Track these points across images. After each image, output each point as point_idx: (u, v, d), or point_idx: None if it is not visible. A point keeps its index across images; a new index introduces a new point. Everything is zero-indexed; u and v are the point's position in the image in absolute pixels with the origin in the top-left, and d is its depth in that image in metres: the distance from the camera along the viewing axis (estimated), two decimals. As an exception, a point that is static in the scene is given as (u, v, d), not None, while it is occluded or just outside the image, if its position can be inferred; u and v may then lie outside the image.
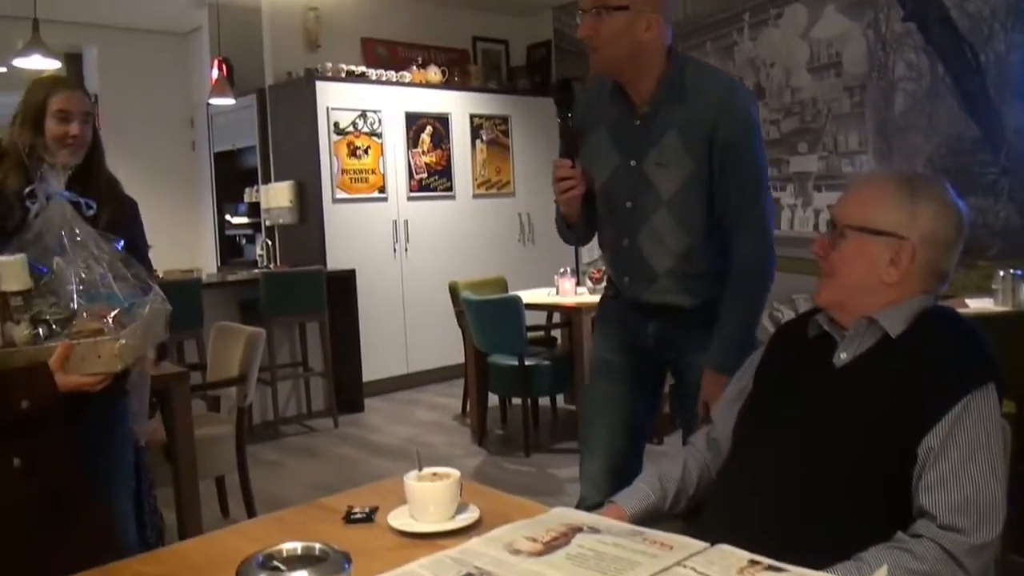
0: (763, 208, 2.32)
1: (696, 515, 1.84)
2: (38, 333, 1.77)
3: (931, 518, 1.50)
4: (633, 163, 2.36)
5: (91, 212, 1.89)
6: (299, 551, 1.09)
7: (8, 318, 1.75)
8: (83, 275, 1.81)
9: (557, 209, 2.55)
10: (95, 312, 1.78)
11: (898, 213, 1.67)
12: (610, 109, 2.41)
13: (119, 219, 2.55)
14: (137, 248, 2.66)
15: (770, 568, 1.31)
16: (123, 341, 1.76)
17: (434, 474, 1.65)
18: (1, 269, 1.76)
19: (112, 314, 1.78)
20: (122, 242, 1.97)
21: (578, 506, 2.17)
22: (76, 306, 1.79)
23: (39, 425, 1.81)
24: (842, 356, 1.72)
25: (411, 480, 1.62)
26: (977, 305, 4.12)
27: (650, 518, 1.79)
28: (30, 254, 1.79)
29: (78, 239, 1.83)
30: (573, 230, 2.57)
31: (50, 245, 1.81)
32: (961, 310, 3.89)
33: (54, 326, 1.77)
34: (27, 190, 1.84)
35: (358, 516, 1.67)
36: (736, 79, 2.45)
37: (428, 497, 1.60)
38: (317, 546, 1.10)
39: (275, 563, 1.07)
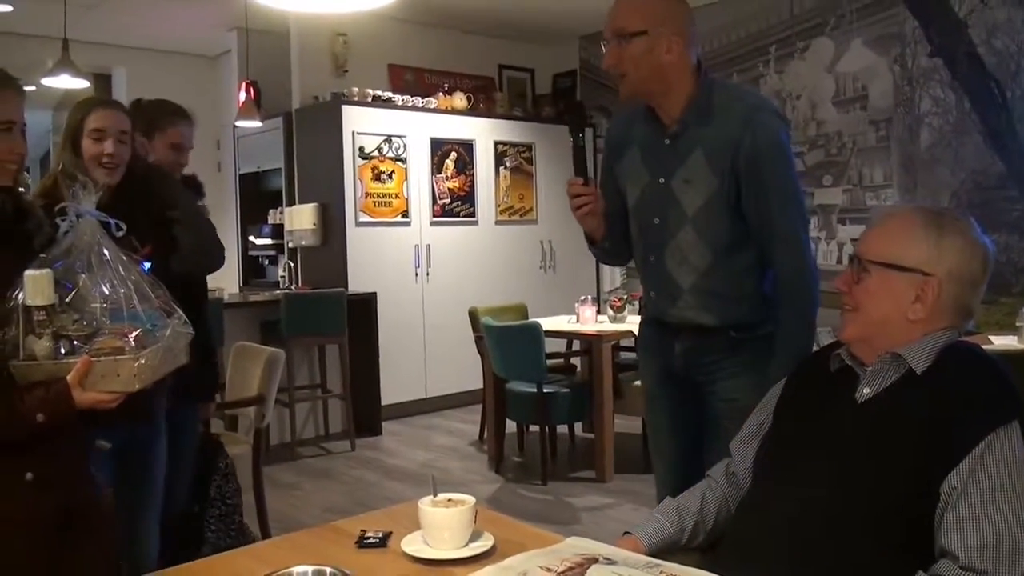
0: (792, 219, 2.32)
1: (713, 549, 1.82)
2: (59, 348, 1.76)
3: (953, 558, 1.47)
4: (662, 180, 2.40)
5: (120, 233, 1.90)
6: (310, 574, 1.08)
7: (31, 332, 1.75)
8: (107, 293, 1.80)
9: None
10: (117, 331, 1.77)
11: (924, 249, 1.66)
12: (642, 130, 2.46)
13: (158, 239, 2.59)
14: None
15: (787, 604, 1.30)
16: (143, 361, 1.75)
17: (449, 500, 1.64)
18: (26, 283, 1.75)
19: (134, 334, 1.77)
20: (148, 265, 1.97)
21: None
22: (99, 324, 1.78)
23: (53, 441, 1.80)
24: (865, 391, 1.70)
25: (426, 505, 1.61)
26: (1001, 342, 4.08)
27: (667, 550, 1.78)
28: (57, 271, 1.79)
29: (105, 258, 1.82)
30: (599, 247, 2.62)
31: (77, 263, 1.81)
32: (985, 347, 3.85)
33: (76, 342, 1.76)
34: (57, 207, 1.83)
35: (371, 540, 1.66)
36: (766, 100, 2.49)
37: (442, 523, 1.59)
38: (328, 569, 1.09)
39: (286, 585, 1.06)
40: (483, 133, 7.90)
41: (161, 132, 3.07)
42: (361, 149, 7.05)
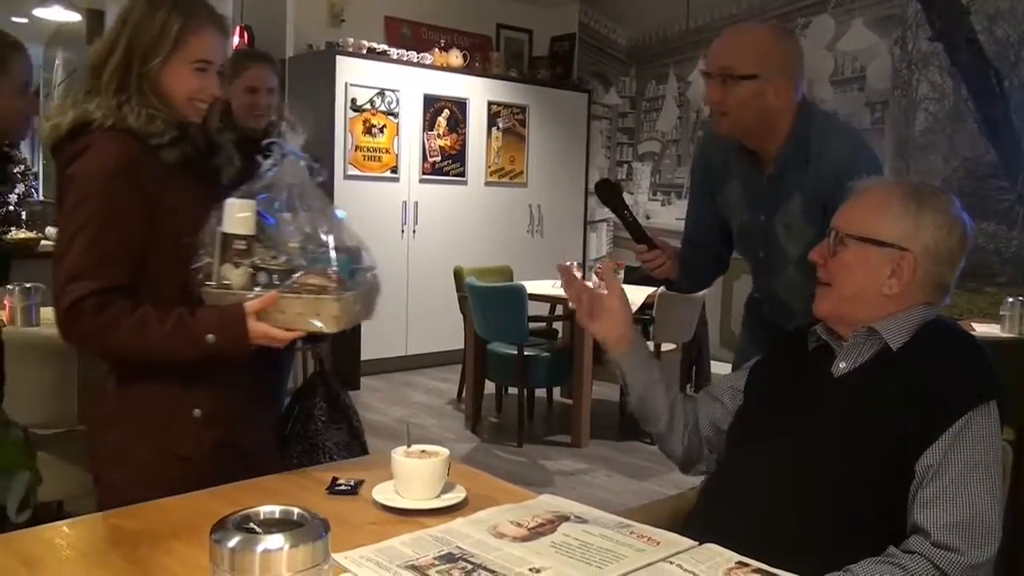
0: None
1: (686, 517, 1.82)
2: (256, 279, 1.75)
3: (925, 535, 1.47)
4: (762, 219, 2.34)
5: (321, 179, 1.87)
6: (277, 515, 1.06)
7: (227, 260, 1.74)
8: (308, 234, 1.78)
9: None
10: (319, 272, 1.74)
11: (901, 224, 1.64)
12: (739, 163, 2.37)
13: None
14: None
15: (758, 571, 1.29)
16: (343, 306, 1.72)
17: (423, 451, 1.63)
18: (227, 211, 1.74)
19: (335, 276, 1.75)
20: (343, 214, 1.93)
21: None
22: (296, 262, 1.75)
23: (221, 380, 1.82)
24: (841, 366, 1.70)
25: (399, 455, 1.60)
26: (984, 330, 4.10)
27: (642, 372, 1.88)
28: (259, 203, 1.78)
29: (308, 199, 1.81)
30: (677, 286, 2.60)
31: (277, 200, 1.79)
32: (967, 333, 3.86)
33: (273, 276, 1.74)
34: (265, 142, 1.82)
35: (342, 488, 1.65)
36: (861, 141, 2.35)
37: (415, 473, 1.58)
38: (296, 511, 1.07)
39: (251, 524, 1.04)
40: (477, 92, 7.83)
41: (237, 76, 3.11)
42: (353, 101, 6.98)
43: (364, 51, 7.10)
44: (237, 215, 1.74)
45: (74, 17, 6.32)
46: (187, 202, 1.82)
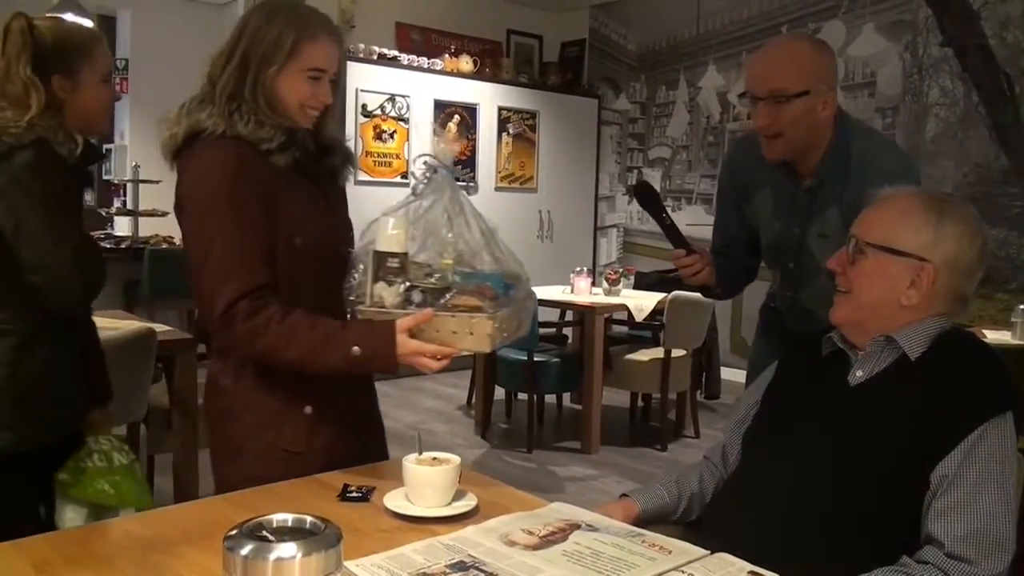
0: None
1: (698, 523, 1.81)
2: (409, 298, 1.71)
3: (939, 545, 1.46)
4: (796, 230, 2.32)
5: (472, 195, 1.89)
6: (290, 523, 1.06)
7: (381, 279, 1.71)
8: (462, 250, 1.75)
9: None
10: (473, 290, 1.70)
11: (922, 235, 1.63)
12: (773, 174, 2.35)
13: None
14: None
15: (770, 580, 1.29)
16: (498, 324, 1.68)
17: (434, 459, 1.63)
18: (380, 228, 1.71)
19: (491, 294, 1.71)
20: (494, 225, 1.89)
21: None
22: (451, 280, 1.72)
23: (335, 380, 1.84)
24: (858, 374, 1.69)
25: (410, 463, 1.60)
26: (995, 337, 4.08)
27: (659, 520, 1.77)
28: (412, 220, 1.75)
29: (460, 213, 1.77)
30: (712, 292, 2.56)
31: (432, 216, 1.76)
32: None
33: (428, 295, 1.71)
34: (417, 156, 1.83)
35: (354, 495, 1.65)
36: (903, 160, 2.33)
37: (426, 480, 1.58)
38: (308, 519, 1.07)
39: (264, 532, 1.04)
40: (487, 98, 7.84)
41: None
42: (364, 107, 6.99)
43: (375, 57, 7.12)
44: (390, 233, 1.71)
45: (87, 23, 6.32)
46: (299, 204, 1.86)
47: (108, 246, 6.41)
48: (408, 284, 1.71)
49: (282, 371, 1.80)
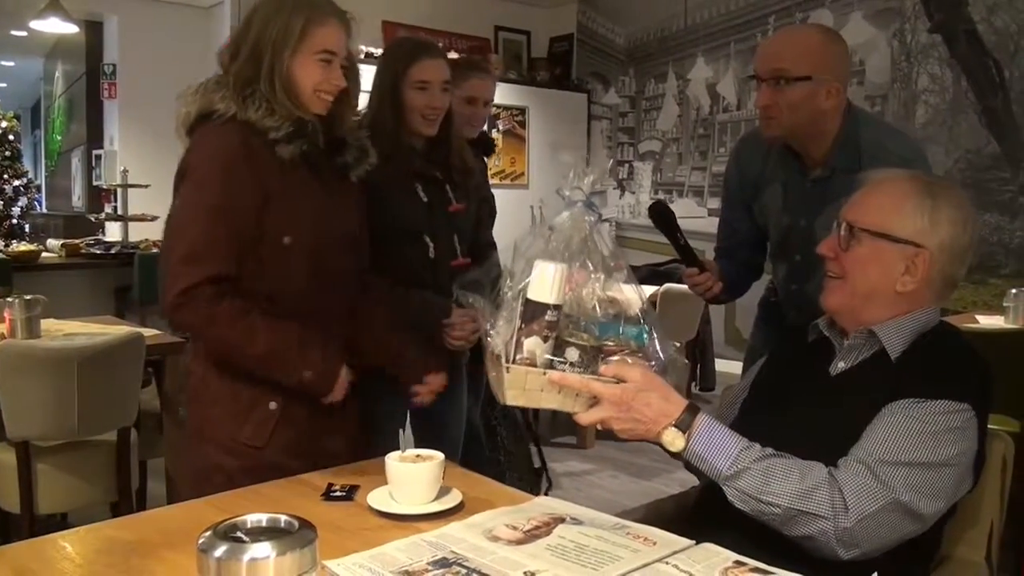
0: None
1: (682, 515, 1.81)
2: (562, 360, 1.45)
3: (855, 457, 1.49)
4: (803, 223, 2.32)
5: (610, 234, 1.67)
6: (264, 523, 1.06)
7: (533, 332, 1.44)
8: (602, 297, 1.48)
9: None
10: (624, 350, 1.49)
11: (917, 220, 1.62)
12: (781, 167, 2.35)
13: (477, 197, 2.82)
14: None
15: (756, 570, 1.28)
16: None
17: (417, 455, 1.62)
18: (536, 272, 1.44)
19: (641, 356, 1.49)
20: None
21: None
22: (597, 335, 1.49)
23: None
24: (840, 365, 1.69)
25: (393, 460, 1.59)
26: (988, 322, 4.08)
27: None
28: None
29: (600, 256, 1.50)
30: (719, 299, 2.57)
31: (566, 255, 1.48)
32: (971, 326, 3.85)
33: (583, 354, 1.46)
34: (558, 190, 1.61)
35: (337, 494, 1.65)
36: (914, 148, 2.33)
37: (409, 478, 1.57)
38: (283, 518, 1.06)
39: (238, 533, 1.03)
40: (476, 95, 7.80)
41: (457, 86, 2.85)
42: (352, 106, 6.96)
43: (362, 55, 7.09)
44: (550, 280, 1.43)
45: (72, 29, 6.32)
46: (294, 201, 1.87)
47: (98, 251, 6.39)
48: (561, 339, 1.47)
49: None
